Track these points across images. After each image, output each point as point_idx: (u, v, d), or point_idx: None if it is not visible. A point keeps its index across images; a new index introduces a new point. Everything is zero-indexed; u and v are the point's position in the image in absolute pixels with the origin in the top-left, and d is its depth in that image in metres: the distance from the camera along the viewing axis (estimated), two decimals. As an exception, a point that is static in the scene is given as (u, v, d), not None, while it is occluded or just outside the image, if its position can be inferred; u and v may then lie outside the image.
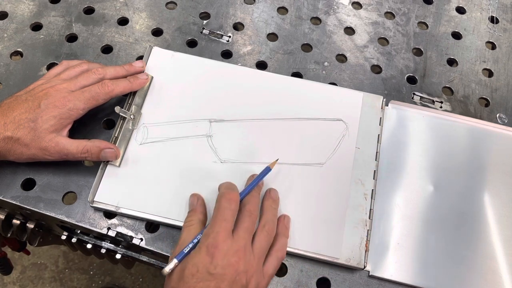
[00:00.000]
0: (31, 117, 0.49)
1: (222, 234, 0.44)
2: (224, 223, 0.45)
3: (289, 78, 0.63)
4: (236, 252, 0.44)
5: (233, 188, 0.49)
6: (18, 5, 0.68)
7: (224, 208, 0.46)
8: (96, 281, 1.31)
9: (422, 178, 0.58)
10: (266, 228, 0.48)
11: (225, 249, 0.44)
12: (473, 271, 0.53)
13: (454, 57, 0.70)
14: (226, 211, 0.46)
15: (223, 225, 0.45)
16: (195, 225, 0.48)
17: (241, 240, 0.45)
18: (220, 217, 0.46)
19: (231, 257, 0.43)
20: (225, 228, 0.45)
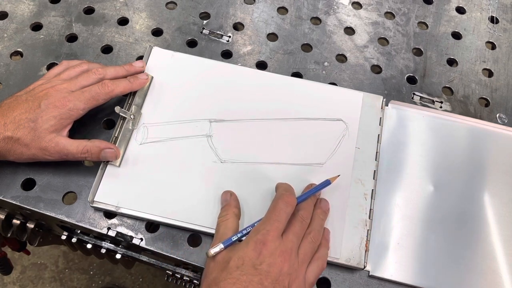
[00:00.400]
0: (31, 117, 0.49)
1: (272, 233, 0.45)
2: (277, 223, 0.46)
3: (289, 78, 0.63)
4: (283, 253, 0.44)
5: (291, 191, 0.50)
6: (18, 5, 0.68)
7: (280, 209, 0.47)
8: (96, 281, 1.31)
9: (422, 178, 0.58)
10: (312, 235, 0.48)
11: (273, 248, 0.44)
12: (473, 271, 0.53)
13: (454, 57, 0.70)
14: (281, 212, 0.47)
15: (275, 225, 0.45)
16: (230, 219, 0.49)
17: (289, 243, 0.45)
18: (274, 217, 0.46)
19: (278, 256, 0.44)
20: (276, 228, 0.45)
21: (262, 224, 0.46)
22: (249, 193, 0.54)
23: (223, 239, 0.46)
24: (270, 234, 0.44)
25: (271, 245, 0.44)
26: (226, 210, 0.50)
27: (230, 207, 0.51)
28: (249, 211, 0.53)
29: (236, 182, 0.55)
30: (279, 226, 0.46)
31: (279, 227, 0.46)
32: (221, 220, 0.50)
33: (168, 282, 0.67)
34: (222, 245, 0.45)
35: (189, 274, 0.56)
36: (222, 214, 0.50)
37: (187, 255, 0.52)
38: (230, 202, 0.51)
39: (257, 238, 0.44)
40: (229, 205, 0.51)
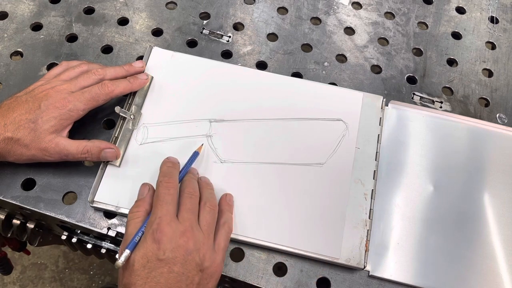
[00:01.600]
0: (31, 118, 0.49)
1: (165, 218, 0.44)
2: (166, 206, 0.45)
3: (289, 78, 0.63)
4: (183, 233, 0.44)
5: (170, 174, 0.49)
6: (18, 5, 0.68)
7: (163, 194, 0.46)
8: (96, 281, 1.31)
9: (422, 178, 0.58)
10: (208, 205, 0.49)
11: (171, 232, 0.43)
12: (473, 271, 0.53)
13: (454, 57, 0.70)
14: (165, 196, 0.46)
15: (165, 209, 0.45)
16: (141, 217, 0.47)
17: (186, 221, 0.45)
18: (161, 202, 0.46)
19: (179, 238, 0.43)
20: (167, 212, 0.45)
21: (153, 215, 0.45)
22: (249, 193, 0.54)
23: (129, 239, 0.45)
24: (163, 220, 0.44)
25: (168, 230, 0.43)
26: (137, 207, 0.48)
27: (144, 203, 0.48)
28: (249, 211, 0.53)
29: (236, 182, 0.55)
30: (169, 209, 0.45)
31: (169, 210, 0.45)
32: (131, 217, 0.47)
33: (168, 282, 0.67)
34: (128, 250, 0.43)
35: (189, 274, 0.56)
36: (133, 210, 0.47)
37: (187, 255, 0.52)
38: (145, 198, 0.49)
39: (153, 228, 0.43)
40: (144, 200, 0.49)
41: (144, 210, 0.48)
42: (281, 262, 0.52)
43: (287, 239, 0.52)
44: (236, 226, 0.52)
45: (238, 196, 0.54)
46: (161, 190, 0.47)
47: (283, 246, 0.52)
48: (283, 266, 0.52)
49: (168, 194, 0.46)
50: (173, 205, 0.46)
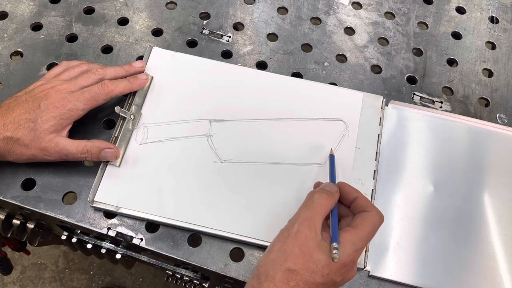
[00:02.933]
0: (31, 118, 0.49)
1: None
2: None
3: (289, 78, 0.63)
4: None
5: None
6: (18, 5, 0.68)
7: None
8: (96, 281, 1.31)
9: (422, 178, 0.58)
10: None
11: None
12: (473, 271, 0.53)
13: (454, 57, 0.70)
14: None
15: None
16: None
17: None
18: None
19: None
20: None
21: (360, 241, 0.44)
22: (249, 193, 0.54)
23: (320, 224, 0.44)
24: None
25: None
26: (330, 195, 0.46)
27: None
28: (250, 211, 0.53)
29: (236, 182, 0.55)
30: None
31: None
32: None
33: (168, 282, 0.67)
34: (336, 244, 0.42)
35: (189, 274, 0.56)
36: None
37: (187, 255, 0.52)
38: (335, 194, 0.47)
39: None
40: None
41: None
42: (281, 262, 0.52)
43: (287, 239, 0.52)
44: (236, 226, 0.52)
45: (238, 196, 0.54)
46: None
47: (283, 246, 0.52)
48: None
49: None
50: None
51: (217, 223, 0.52)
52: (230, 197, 0.54)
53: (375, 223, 0.45)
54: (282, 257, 0.41)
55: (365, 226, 0.44)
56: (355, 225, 0.44)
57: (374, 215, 0.45)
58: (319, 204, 0.45)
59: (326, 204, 0.45)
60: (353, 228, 0.44)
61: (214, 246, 0.52)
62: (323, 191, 0.46)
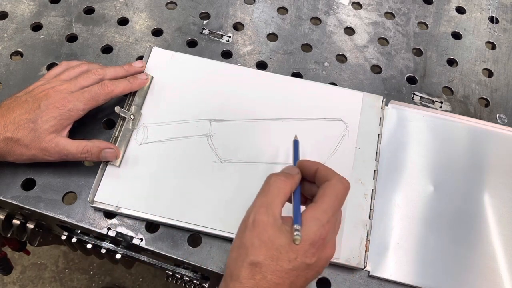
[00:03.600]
0: (31, 118, 0.49)
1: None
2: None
3: (289, 78, 0.63)
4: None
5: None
6: (18, 5, 0.68)
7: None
8: (96, 281, 1.31)
9: (422, 178, 0.58)
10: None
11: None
12: (473, 271, 0.53)
13: (454, 57, 0.70)
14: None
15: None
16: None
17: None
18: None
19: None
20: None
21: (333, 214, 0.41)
22: (249, 193, 0.54)
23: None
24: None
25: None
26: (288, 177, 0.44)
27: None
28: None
29: (236, 182, 0.55)
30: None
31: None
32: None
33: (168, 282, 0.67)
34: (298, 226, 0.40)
35: (189, 274, 0.56)
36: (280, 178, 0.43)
37: (187, 255, 0.52)
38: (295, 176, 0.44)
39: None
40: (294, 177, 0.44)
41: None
42: (281, 262, 0.52)
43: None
44: (236, 226, 0.52)
45: (237, 196, 0.54)
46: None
47: (283, 246, 0.52)
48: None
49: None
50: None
51: (217, 223, 0.52)
52: (230, 197, 0.54)
53: (337, 190, 0.42)
54: (243, 253, 0.39)
55: (327, 196, 0.41)
56: (317, 199, 0.42)
57: (335, 183, 0.42)
58: (276, 187, 0.42)
59: (284, 186, 0.42)
60: (314, 203, 0.41)
61: (214, 246, 0.52)
62: (280, 173, 0.44)
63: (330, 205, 0.41)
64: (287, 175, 0.43)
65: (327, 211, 0.41)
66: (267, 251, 0.38)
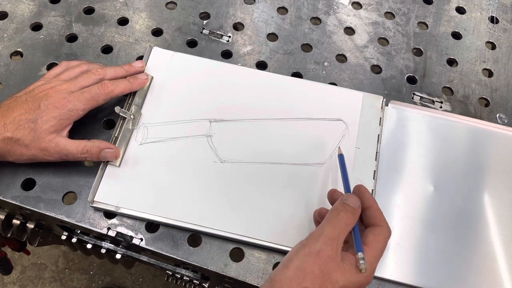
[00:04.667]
0: (31, 118, 0.49)
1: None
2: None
3: (289, 78, 0.63)
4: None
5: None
6: (18, 5, 0.68)
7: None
8: (96, 281, 1.31)
9: (422, 178, 0.58)
10: None
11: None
12: (473, 271, 0.53)
13: (454, 57, 0.70)
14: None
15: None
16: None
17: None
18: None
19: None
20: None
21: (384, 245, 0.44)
22: (249, 193, 0.54)
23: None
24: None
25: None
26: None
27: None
28: (250, 211, 0.53)
29: (236, 182, 0.55)
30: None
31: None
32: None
33: (168, 282, 0.67)
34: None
35: (189, 274, 0.56)
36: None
37: (187, 255, 0.52)
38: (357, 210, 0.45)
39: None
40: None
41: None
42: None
43: (287, 239, 0.52)
44: (236, 226, 0.52)
45: (237, 196, 0.54)
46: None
47: (283, 246, 0.52)
48: (283, 266, 0.52)
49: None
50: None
51: (217, 223, 0.52)
52: (230, 197, 0.54)
53: (386, 239, 0.44)
54: (300, 276, 0.40)
55: (378, 243, 0.43)
56: (369, 243, 0.43)
57: (385, 230, 0.44)
58: (344, 223, 0.43)
59: (351, 222, 0.44)
60: (367, 246, 0.43)
61: (214, 246, 0.52)
62: (348, 208, 0.44)
63: (380, 252, 0.43)
64: (354, 211, 0.44)
65: (377, 257, 0.43)
66: (323, 282, 0.40)
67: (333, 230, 0.42)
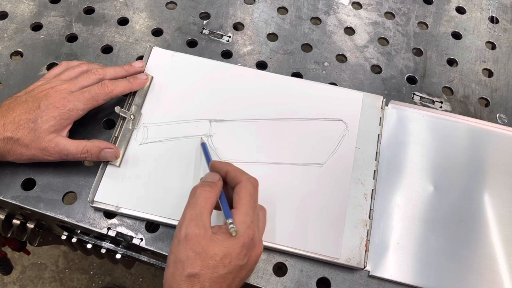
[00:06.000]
0: (31, 118, 0.49)
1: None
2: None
3: (289, 78, 0.63)
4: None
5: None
6: (18, 5, 0.68)
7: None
8: (96, 281, 1.31)
9: (422, 178, 0.58)
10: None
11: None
12: (473, 271, 0.53)
13: (454, 57, 0.70)
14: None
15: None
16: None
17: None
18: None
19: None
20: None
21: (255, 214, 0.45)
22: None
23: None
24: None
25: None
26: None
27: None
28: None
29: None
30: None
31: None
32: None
33: (168, 282, 0.67)
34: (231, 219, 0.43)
35: (189, 274, 0.56)
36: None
37: (187, 255, 0.52)
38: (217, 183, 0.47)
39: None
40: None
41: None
42: (281, 262, 0.52)
43: (287, 239, 0.52)
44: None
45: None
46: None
47: (283, 246, 0.52)
48: (283, 266, 0.52)
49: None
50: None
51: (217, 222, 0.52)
52: (230, 197, 0.54)
53: (249, 190, 0.45)
54: (179, 266, 0.41)
55: (243, 199, 0.44)
56: (235, 204, 0.44)
57: (245, 184, 0.45)
58: (203, 198, 0.44)
59: (210, 196, 0.44)
60: (235, 208, 0.44)
61: (214, 246, 0.52)
62: (204, 183, 0.45)
63: (248, 206, 0.44)
64: (211, 184, 0.45)
65: (248, 213, 0.43)
66: (203, 261, 0.40)
67: (193, 210, 0.43)
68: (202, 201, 0.43)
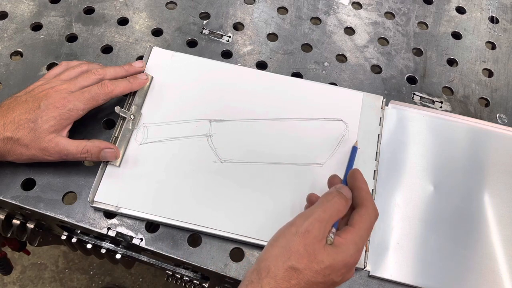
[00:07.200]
0: (31, 118, 0.49)
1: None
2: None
3: (289, 78, 0.63)
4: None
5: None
6: (18, 5, 0.68)
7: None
8: (96, 281, 1.31)
9: (422, 178, 0.58)
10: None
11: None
12: (473, 271, 0.53)
13: (454, 57, 0.70)
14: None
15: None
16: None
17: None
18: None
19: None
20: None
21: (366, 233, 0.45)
22: (249, 193, 0.54)
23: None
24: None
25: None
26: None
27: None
28: (250, 211, 0.53)
29: (236, 182, 0.55)
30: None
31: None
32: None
33: (168, 282, 0.67)
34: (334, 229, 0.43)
35: (189, 274, 0.56)
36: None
37: (187, 255, 0.52)
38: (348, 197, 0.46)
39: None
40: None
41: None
42: (281, 262, 0.52)
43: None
44: (236, 226, 0.52)
45: (237, 196, 0.54)
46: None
47: (283, 246, 0.52)
48: (283, 266, 0.52)
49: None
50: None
51: (217, 223, 0.52)
52: (230, 197, 0.54)
53: (372, 219, 0.45)
54: (286, 254, 0.41)
55: (364, 223, 0.44)
56: (354, 224, 0.44)
57: (371, 210, 0.45)
58: (336, 209, 0.44)
59: (342, 210, 0.44)
60: (352, 227, 0.44)
61: (214, 246, 0.52)
62: (342, 196, 0.45)
63: (365, 232, 0.44)
64: (346, 200, 0.45)
65: (363, 238, 0.43)
66: (309, 262, 0.41)
67: (324, 213, 0.43)
68: (334, 211, 0.44)
